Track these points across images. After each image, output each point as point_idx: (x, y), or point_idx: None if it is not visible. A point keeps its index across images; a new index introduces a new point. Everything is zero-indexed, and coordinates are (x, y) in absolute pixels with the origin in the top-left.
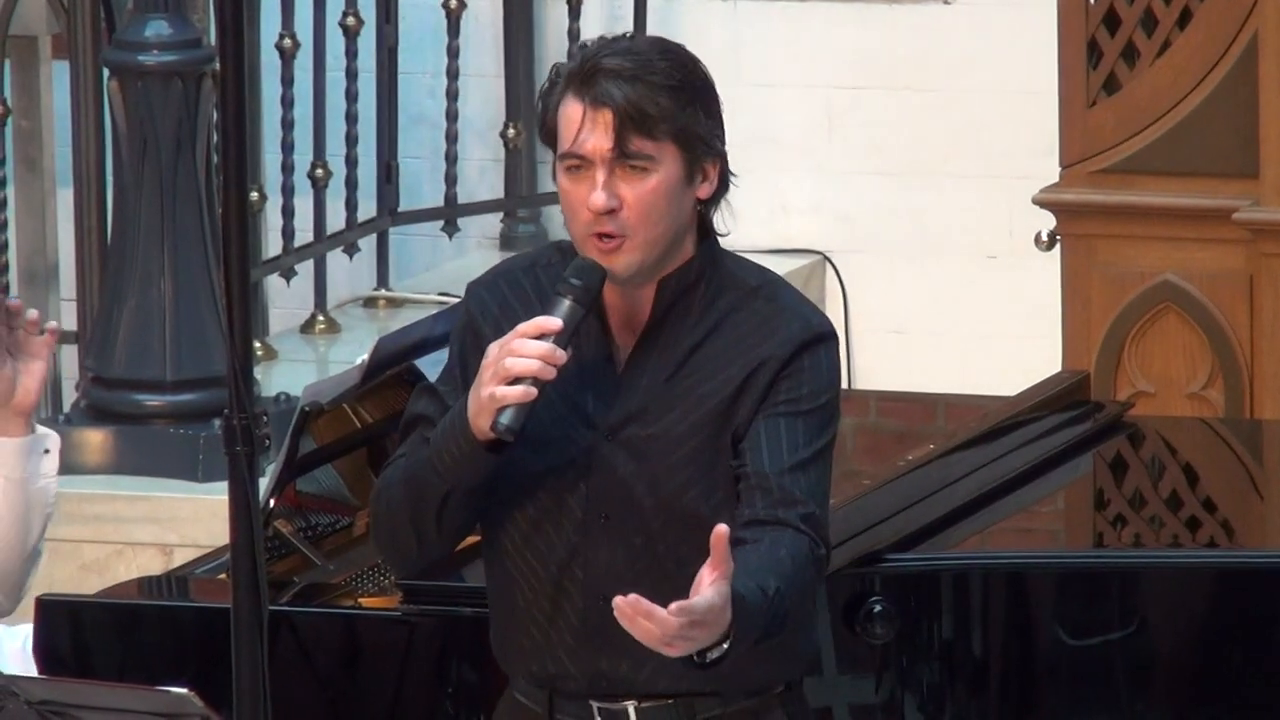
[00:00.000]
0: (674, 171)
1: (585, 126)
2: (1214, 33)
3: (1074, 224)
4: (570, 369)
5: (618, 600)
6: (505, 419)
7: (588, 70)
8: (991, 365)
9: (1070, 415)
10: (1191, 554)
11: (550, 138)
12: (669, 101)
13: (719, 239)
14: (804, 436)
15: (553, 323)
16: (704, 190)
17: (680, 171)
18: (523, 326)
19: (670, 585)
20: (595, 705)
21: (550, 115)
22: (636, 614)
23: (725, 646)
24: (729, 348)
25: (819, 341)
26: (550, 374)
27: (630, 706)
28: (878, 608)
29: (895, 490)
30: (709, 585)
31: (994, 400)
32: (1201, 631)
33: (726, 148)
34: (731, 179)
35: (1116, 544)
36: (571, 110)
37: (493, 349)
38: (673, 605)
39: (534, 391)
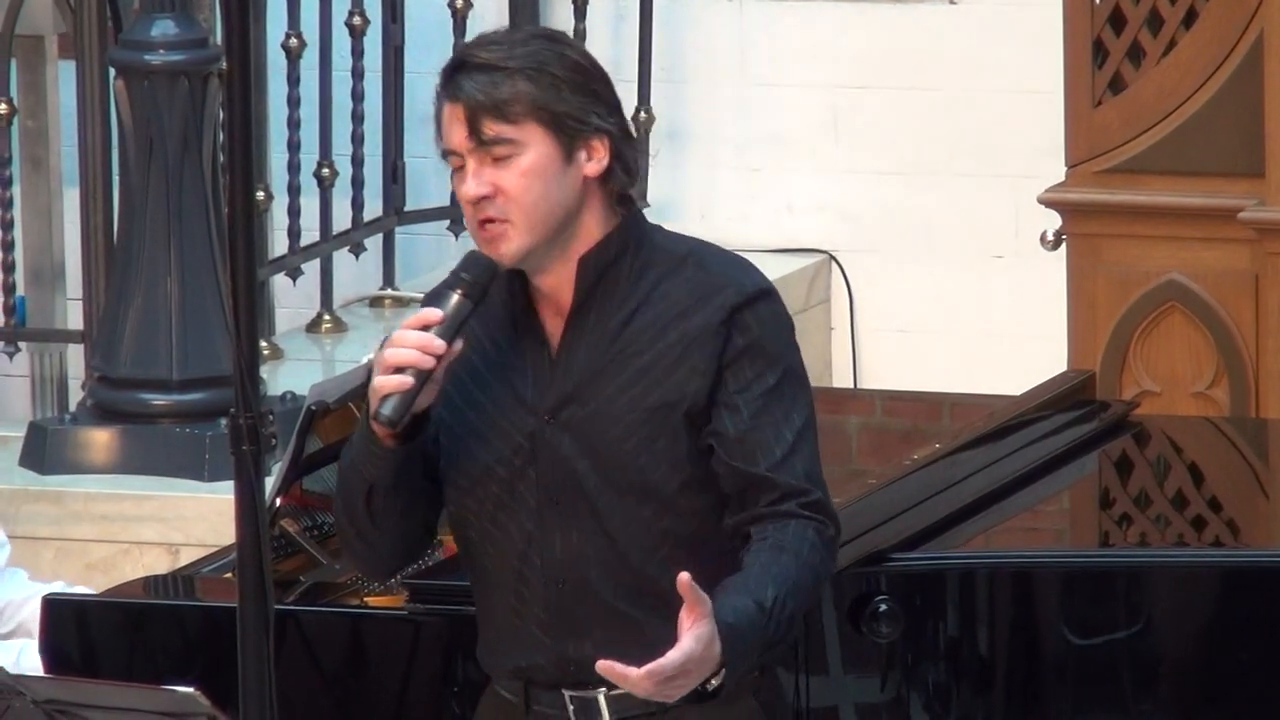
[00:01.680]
0: (545, 152)
1: (445, 122)
2: (1219, 32)
3: (1079, 223)
4: (509, 359)
5: (599, 665)
6: (385, 409)
7: (450, 70)
8: (997, 365)
9: (1076, 414)
10: (1197, 553)
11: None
12: (526, 84)
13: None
14: (783, 414)
15: (433, 314)
16: (592, 169)
17: (554, 151)
18: (407, 319)
19: (625, 564)
20: (567, 695)
21: (436, 117)
22: (615, 677)
23: (715, 681)
24: (661, 318)
25: (756, 301)
26: (429, 363)
27: (600, 695)
28: (883, 607)
29: (901, 489)
30: (687, 631)
31: (999, 399)
32: (1207, 630)
33: (614, 125)
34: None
35: (1122, 543)
36: (439, 109)
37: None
38: (644, 668)
39: (410, 381)
